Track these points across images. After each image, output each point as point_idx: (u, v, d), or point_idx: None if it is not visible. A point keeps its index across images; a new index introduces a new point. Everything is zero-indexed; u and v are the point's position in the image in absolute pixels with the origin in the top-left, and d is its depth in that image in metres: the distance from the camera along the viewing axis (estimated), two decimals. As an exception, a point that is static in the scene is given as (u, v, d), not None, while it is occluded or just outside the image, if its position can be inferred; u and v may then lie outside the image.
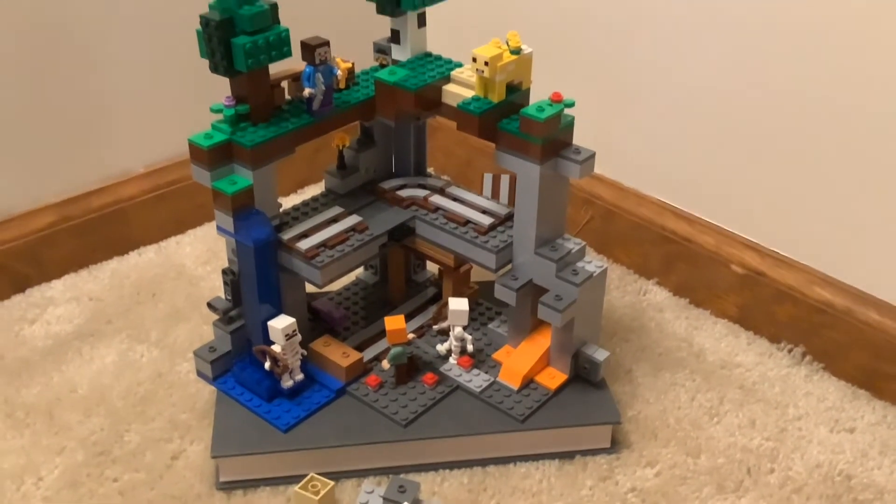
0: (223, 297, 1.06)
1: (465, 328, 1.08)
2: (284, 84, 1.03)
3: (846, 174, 1.11)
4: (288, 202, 1.17)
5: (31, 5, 1.22)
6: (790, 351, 1.21)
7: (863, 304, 1.14)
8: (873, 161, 1.09)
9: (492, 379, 1.07)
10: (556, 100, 0.97)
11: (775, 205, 1.20)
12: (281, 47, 0.95)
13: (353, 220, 1.08)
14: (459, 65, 1.06)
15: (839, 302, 1.15)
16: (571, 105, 0.97)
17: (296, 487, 0.96)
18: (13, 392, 1.13)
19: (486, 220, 1.07)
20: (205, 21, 0.92)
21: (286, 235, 1.03)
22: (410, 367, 1.08)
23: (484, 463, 1.03)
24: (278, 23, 0.96)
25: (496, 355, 1.11)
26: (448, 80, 1.04)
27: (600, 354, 1.06)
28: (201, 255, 1.39)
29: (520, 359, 1.08)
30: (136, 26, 1.33)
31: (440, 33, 1.18)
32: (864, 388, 1.15)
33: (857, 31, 1.05)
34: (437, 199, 1.11)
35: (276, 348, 1.01)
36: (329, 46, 0.99)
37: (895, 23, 1.02)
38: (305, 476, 0.97)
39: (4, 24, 1.21)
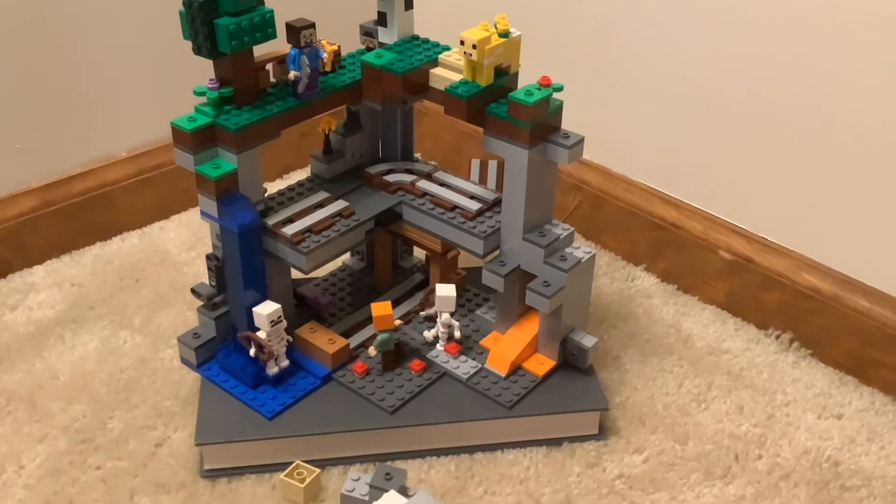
0: (207, 283, 1.05)
1: (452, 314, 1.07)
2: (269, 67, 1.01)
3: (833, 160, 1.11)
4: (273, 187, 1.16)
5: (10, -14, 1.21)
6: (778, 337, 1.20)
7: (850, 291, 1.14)
8: (861, 147, 1.08)
9: (479, 365, 1.07)
10: (545, 84, 0.96)
11: (763, 191, 1.20)
12: (265, 29, 0.94)
13: (339, 205, 1.07)
14: (447, 48, 1.05)
15: (827, 288, 1.15)
16: (560, 89, 0.97)
17: (281, 475, 0.96)
18: (-6, 379, 1.12)
19: (474, 206, 1.06)
20: (188, 2, 0.91)
21: (271, 220, 1.02)
22: (397, 354, 1.07)
23: (471, 450, 1.03)
24: (263, 4, 0.94)
25: (484, 342, 1.10)
26: (435, 63, 1.03)
27: (588, 341, 1.06)
28: (185, 241, 1.38)
29: (507, 345, 1.07)
30: (118, 8, 1.31)
31: (428, 16, 1.17)
32: (851, 374, 1.15)
33: (843, 20, 1.05)
34: (424, 185, 1.10)
35: (262, 335, 1.00)
36: (315, 29, 0.97)
37: (880, 13, 1.01)
38: (291, 463, 0.97)
39: (-17, 5, 1.20)
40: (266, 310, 0.99)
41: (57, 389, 1.10)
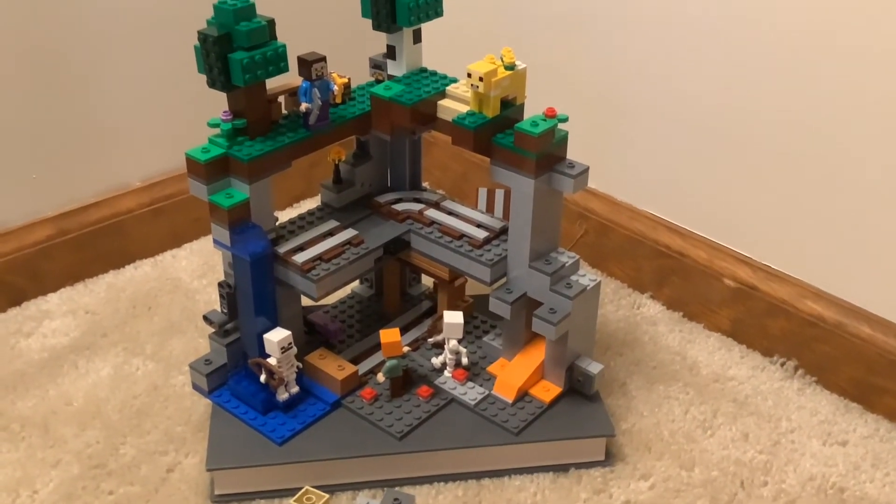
0: (219, 310, 1.07)
1: (459, 341, 1.09)
2: (281, 99, 1.04)
3: (837, 189, 1.13)
4: (284, 216, 1.18)
5: (28, 21, 1.23)
6: (783, 364, 1.21)
7: (854, 318, 1.15)
8: (864, 176, 1.10)
9: (486, 392, 1.08)
10: (550, 115, 0.98)
11: (767, 219, 1.21)
12: (278, 63, 0.96)
13: (348, 233, 1.08)
14: (454, 80, 1.07)
15: (830, 316, 1.16)
16: (565, 120, 0.99)
17: (291, 500, 0.96)
18: (9, 405, 1.13)
19: (481, 234, 1.08)
20: (203, 37, 0.93)
21: (282, 249, 1.04)
22: (405, 380, 1.08)
23: (479, 476, 1.04)
24: (275, 38, 0.97)
25: (491, 368, 1.12)
26: (443, 95, 1.05)
27: (594, 367, 1.07)
28: (197, 269, 1.40)
29: (514, 372, 1.08)
30: (133, 41, 1.34)
31: (436, 49, 1.19)
32: (856, 401, 1.16)
33: (844, 49, 1.06)
34: (432, 213, 1.12)
35: (272, 361, 1.01)
36: (326, 62, 1.00)
37: (880, 41, 1.03)
38: (300, 489, 0.97)
39: (2, 40, 1.22)
40: (277, 336, 1.00)
41: (70, 415, 1.12)
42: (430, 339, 1.16)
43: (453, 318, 1.06)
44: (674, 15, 1.21)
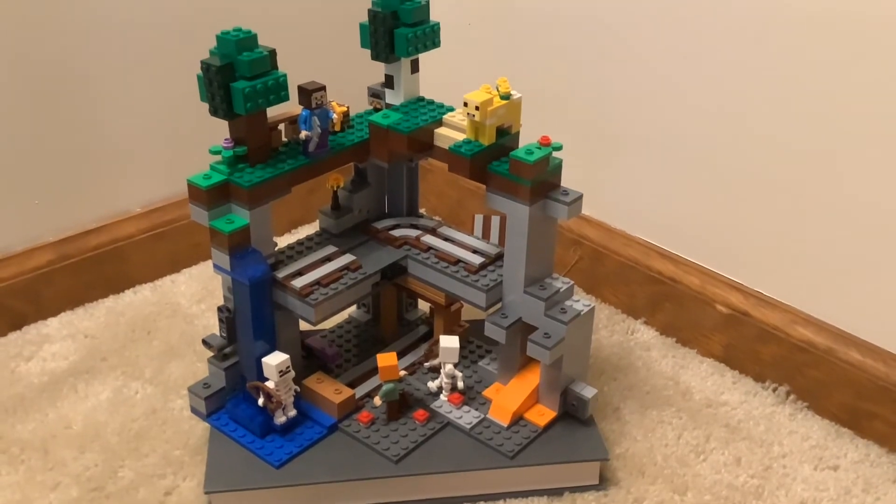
0: (218, 334, 1.08)
1: (455, 365, 1.10)
2: (282, 127, 1.05)
3: (827, 217, 1.14)
4: (283, 241, 1.19)
5: (29, 46, 1.25)
6: (774, 390, 1.22)
7: (844, 344, 1.16)
8: (853, 204, 1.11)
9: (482, 416, 1.09)
10: (545, 143, 0.99)
11: (758, 246, 1.23)
12: (279, 91, 0.98)
13: (346, 259, 1.10)
14: (451, 109, 1.09)
15: (821, 341, 1.18)
16: (559, 148, 1.00)
17: (288, 522, 0.97)
18: (8, 428, 1.14)
19: (477, 260, 1.09)
20: (205, 66, 0.95)
21: (281, 273, 1.05)
22: (402, 404, 1.09)
23: (474, 499, 1.04)
24: (276, 68, 0.99)
25: (486, 392, 1.12)
26: (440, 123, 1.07)
27: (588, 392, 1.08)
28: (196, 294, 1.41)
29: (509, 396, 1.09)
30: (136, 69, 1.36)
31: (433, 79, 1.21)
32: (847, 426, 1.17)
33: (835, 77, 1.08)
34: (428, 239, 1.13)
35: (270, 384, 1.02)
36: (325, 91, 1.01)
37: (870, 69, 1.05)
38: (297, 511, 0.98)
39: (3, 65, 1.24)
40: (275, 360, 1.01)
41: (69, 439, 1.12)
42: (426, 364, 1.17)
43: (449, 342, 1.07)
44: (666, 44, 1.23)
